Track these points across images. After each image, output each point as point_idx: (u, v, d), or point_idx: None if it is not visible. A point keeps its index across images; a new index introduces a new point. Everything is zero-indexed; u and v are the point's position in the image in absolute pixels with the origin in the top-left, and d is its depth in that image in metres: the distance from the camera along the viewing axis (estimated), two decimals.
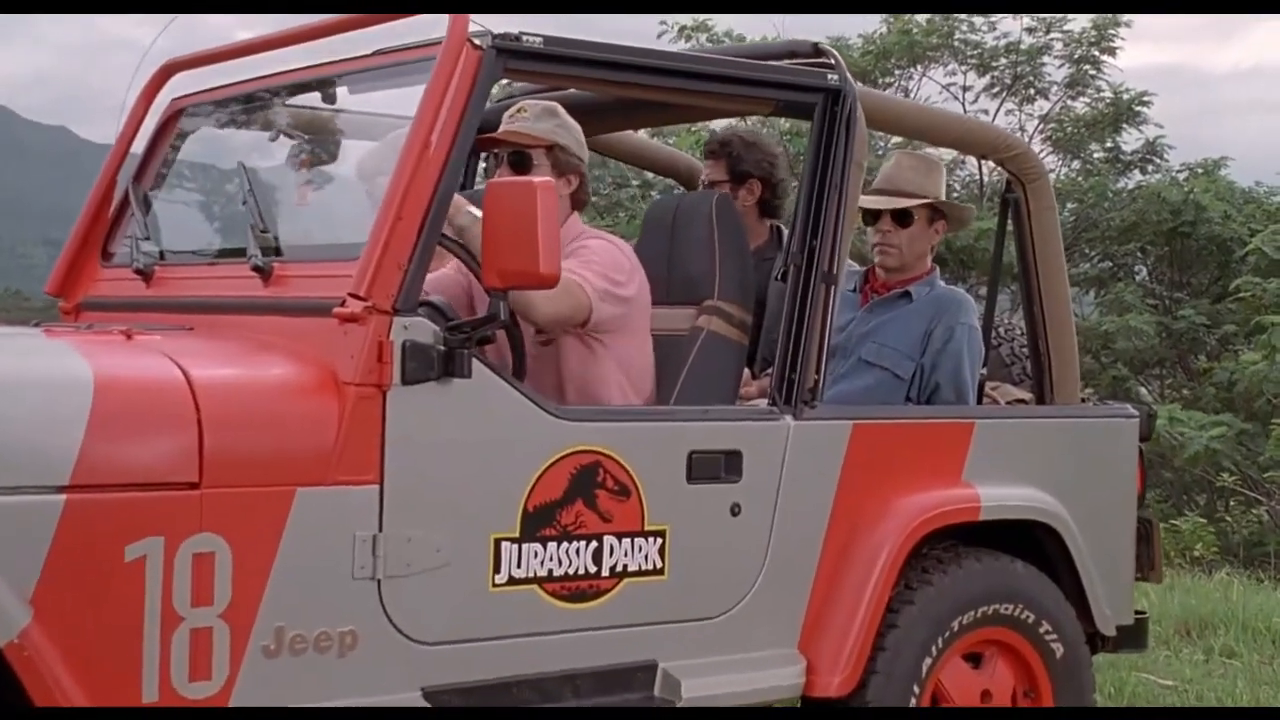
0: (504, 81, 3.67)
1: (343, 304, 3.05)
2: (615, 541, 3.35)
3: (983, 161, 14.71)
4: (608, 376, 3.59)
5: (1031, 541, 3.97)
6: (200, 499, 2.82)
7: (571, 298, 3.42)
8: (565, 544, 3.28)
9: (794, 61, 3.73)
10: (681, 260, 3.84)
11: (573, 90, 4.03)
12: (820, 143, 3.66)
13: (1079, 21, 14.45)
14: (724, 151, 4.49)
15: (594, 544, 3.32)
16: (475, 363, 3.14)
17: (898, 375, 4.10)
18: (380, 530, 3.03)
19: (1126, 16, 14.21)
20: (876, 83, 14.07)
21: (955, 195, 14.71)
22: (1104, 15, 14.24)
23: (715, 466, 3.47)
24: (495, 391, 3.20)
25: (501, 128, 3.62)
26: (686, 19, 14.12)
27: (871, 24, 14.78)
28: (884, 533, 3.67)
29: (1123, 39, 14.28)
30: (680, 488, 3.42)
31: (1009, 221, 4.23)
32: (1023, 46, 14.47)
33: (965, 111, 14.86)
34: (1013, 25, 14.42)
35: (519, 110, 3.62)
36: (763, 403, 3.65)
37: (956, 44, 14.40)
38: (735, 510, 3.50)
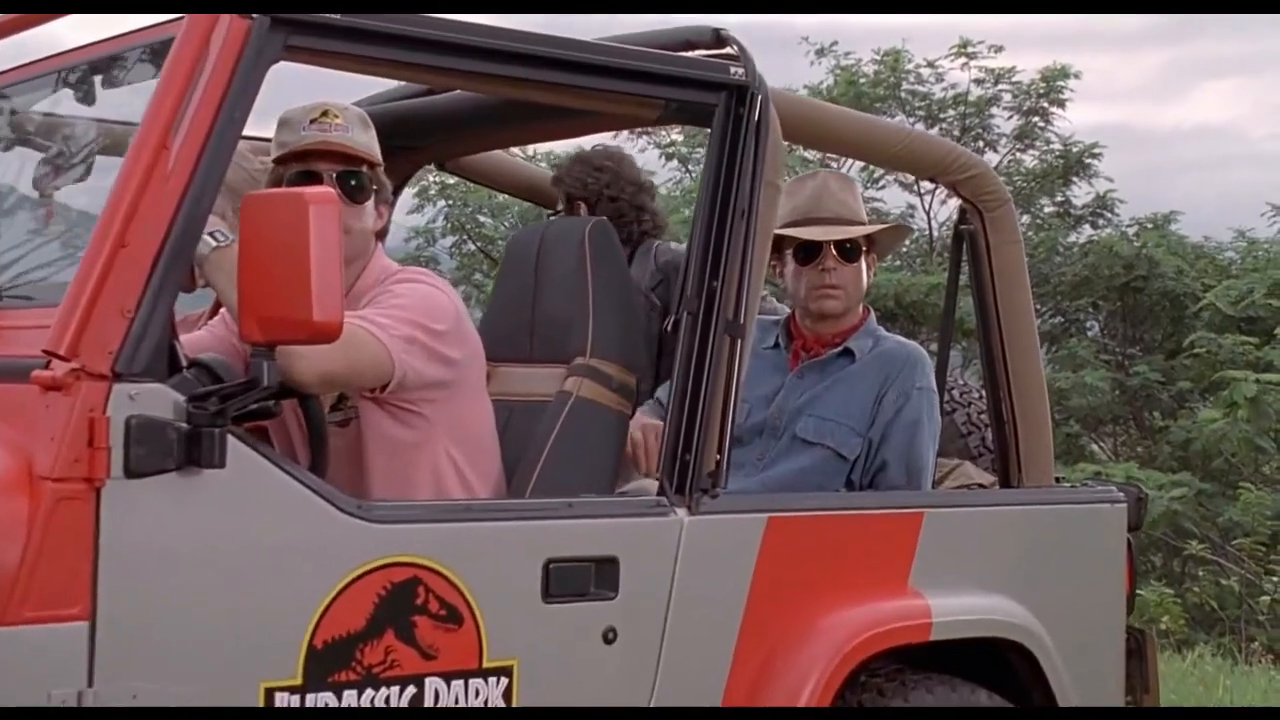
0: None
1: (47, 365, 2.10)
2: (442, 685, 2.38)
3: (930, 204, 13.98)
4: (431, 460, 2.62)
5: (997, 662, 3.01)
6: None
7: (356, 351, 2.44)
8: (370, 692, 2.31)
9: (692, 54, 2.81)
10: (546, 306, 2.89)
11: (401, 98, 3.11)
12: (722, 156, 2.72)
13: (1027, 73, 13.72)
14: (555, 178, 3.68)
15: (411, 690, 2.35)
16: (237, 446, 2.18)
17: (841, 455, 3.15)
18: (90, 685, 2.07)
19: (1075, 67, 13.49)
20: None
21: (903, 250, 13.90)
22: (1052, 66, 13.50)
23: (582, 580, 2.51)
24: (265, 485, 2.23)
25: (305, 137, 2.65)
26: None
27: (818, 75, 13.97)
28: (809, 659, 2.70)
29: (1071, 90, 13.55)
30: (534, 609, 2.46)
31: (963, 260, 3.30)
32: (971, 98, 13.68)
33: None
34: (960, 76, 13.65)
35: (325, 114, 2.65)
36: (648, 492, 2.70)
37: (904, 95, 13.62)
38: (609, 636, 2.53)
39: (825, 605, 2.75)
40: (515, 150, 3.68)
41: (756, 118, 2.73)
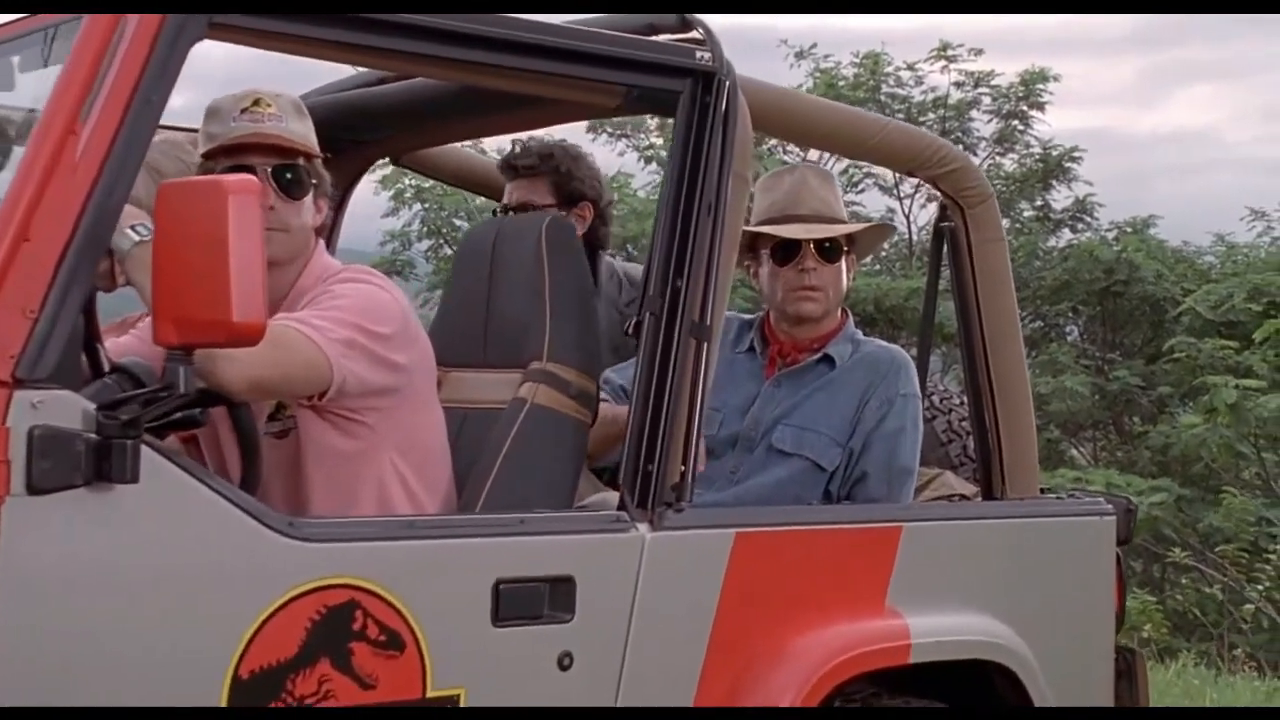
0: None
1: None
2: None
3: (910, 207, 13.82)
4: (376, 473, 2.42)
5: (980, 684, 2.82)
6: None
7: (289, 355, 2.23)
8: None
9: (656, 39, 2.61)
10: (501, 308, 2.69)
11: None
12: (687, 147, 2.53)
13: (1006, 76, 13.56)
14: (548, 166, 3.30)
15: None
16: (153, 459, 1.98)
17: (820, 466, 2.95)
18: None
19: (1055, 70, 13.34)
20: None
21: (882, 254, 13.74)
22: (1031, 69, 13.36)
23: (535, 601, 2.31)
24: (184, 501, 2.03)
25: (235, 129, 2.43)
26: None
27: (798, 78, 13.79)
28: (780, 685, 2.50)
29: (1051, 93, 13.40)
30: (482, 634, 2.26)
31: (943, 260, 3.11)
32: (950, 101, 13.51)
33: (893, 171, 13.95)
34: (940, 79, 13.49)
35: (256, 103, 2.44)
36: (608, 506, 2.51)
37: (883, 98, 13.44)
38: (565, 662, 2.33)
39: (797, 626, 2.56)
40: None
41: (724, 106, 2.54)
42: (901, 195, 13.60)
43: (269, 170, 2.41)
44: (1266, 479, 11.05)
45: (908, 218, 13.79)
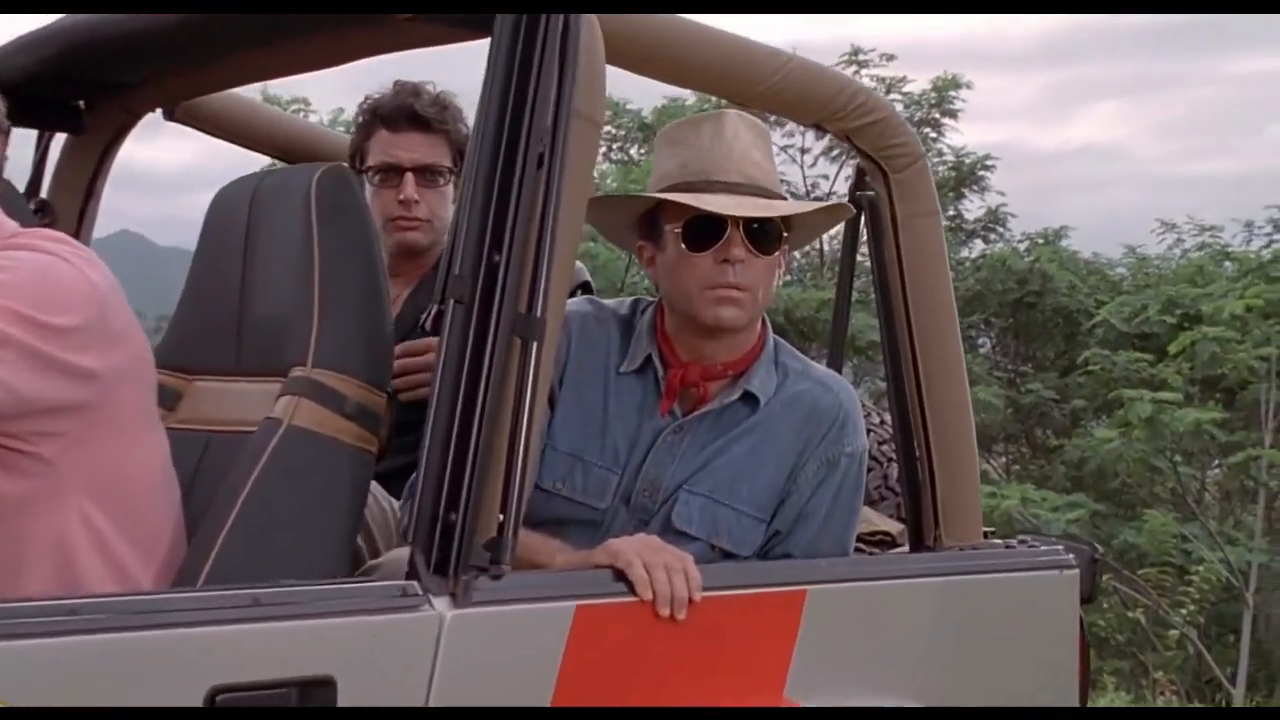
0: None
1: None
2: None
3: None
4: (54, 527, 1.63)
5: None
6: None
7: None
8: None
9: None
10: (259, 294, 1.91)
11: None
12: (510, 76, 1.77)
13: (919, 83, 12.97)
14: (449, 118, 2.49)
15: None
16: None
17: (732, 553, 2.15)
18: None
19: (966, 77, 12.77)
20: None
21: (794, 263, 13.14)
22: (943, 76, 12.78)
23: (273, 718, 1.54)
24: None
25: None
26: None
27: None
28: None
29: (963, 100, 12.83)
30: None
31: (861, 240, 2.38)
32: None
33: (804, 177, 13.32)
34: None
35: None
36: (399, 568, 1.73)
37: None
38: None
39: None
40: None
41: (562, 23, 1.78)
42: (814, 195, 12.91)
43: None
44: (1182, 494, 10.62)
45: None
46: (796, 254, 13.59)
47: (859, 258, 2.67)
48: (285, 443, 1.74)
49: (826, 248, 13.14)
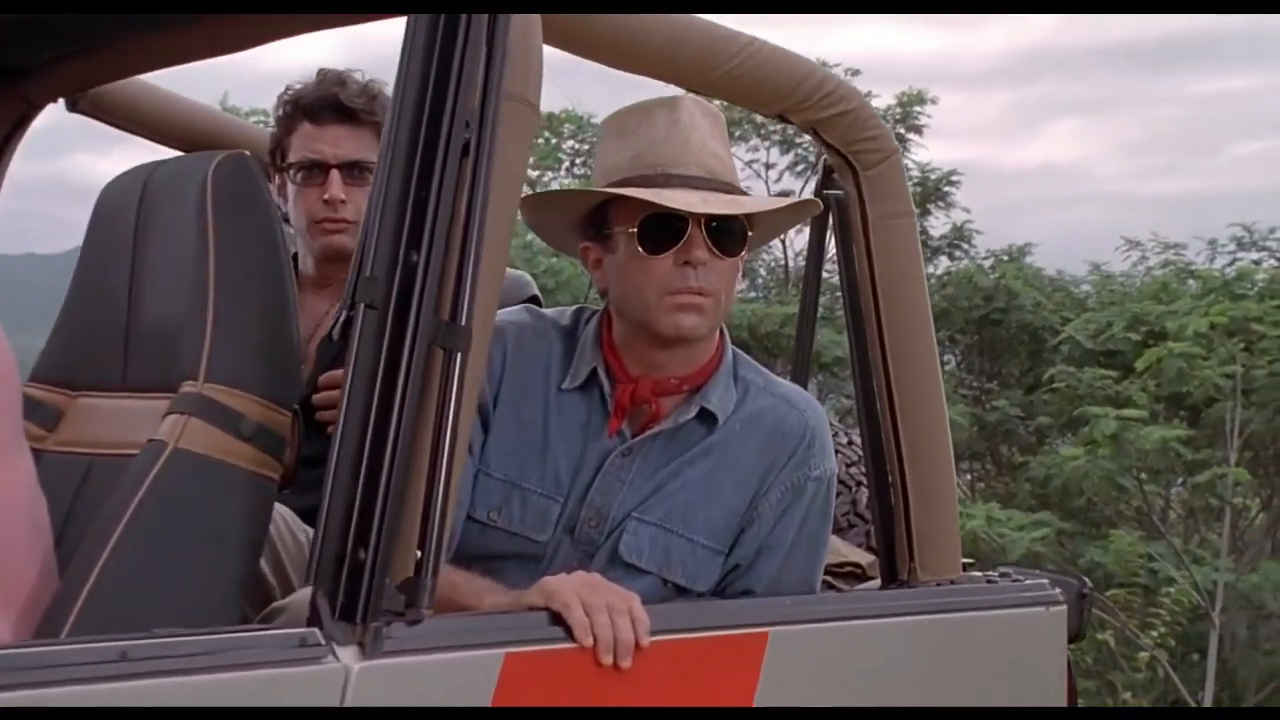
0: None
1: None
2: None
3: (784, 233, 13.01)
4: None
5: None
6: None
7: None
8: None
9: None
10: (148, 299, 1.67)
11: None
12: (430, 53, 1.55)
13: (884, 98, 12.82)
14: (373, 110, 2.26)
15: None
16: None
17: (686, 589, 1.94)
18: None
19: (931, 92, 12.64)
20: None
21: (758, 279, 12.96)
22: (909, 91, 12.64)
23: None
24: None
25: None
26: None
27: None
28: None
29: (929, 116, 12.69)
30: None
31: (826, 245, 2.16)
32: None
33: (769, 193, 13.15)
34: None
35: None
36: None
37: (759, 119, 12.61)
38: None
39: None
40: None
41: None
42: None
43: None
44: (1148, 512, 10.51)
45: (783, 241, 12.97)
46: (761, 269, 13.41)
47: (825, 272, 2.47)
48: (169, 468, 1.50)
49: (791, 263, 12.98)
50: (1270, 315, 10.44)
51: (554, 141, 12.42)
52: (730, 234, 1.89)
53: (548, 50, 1.66)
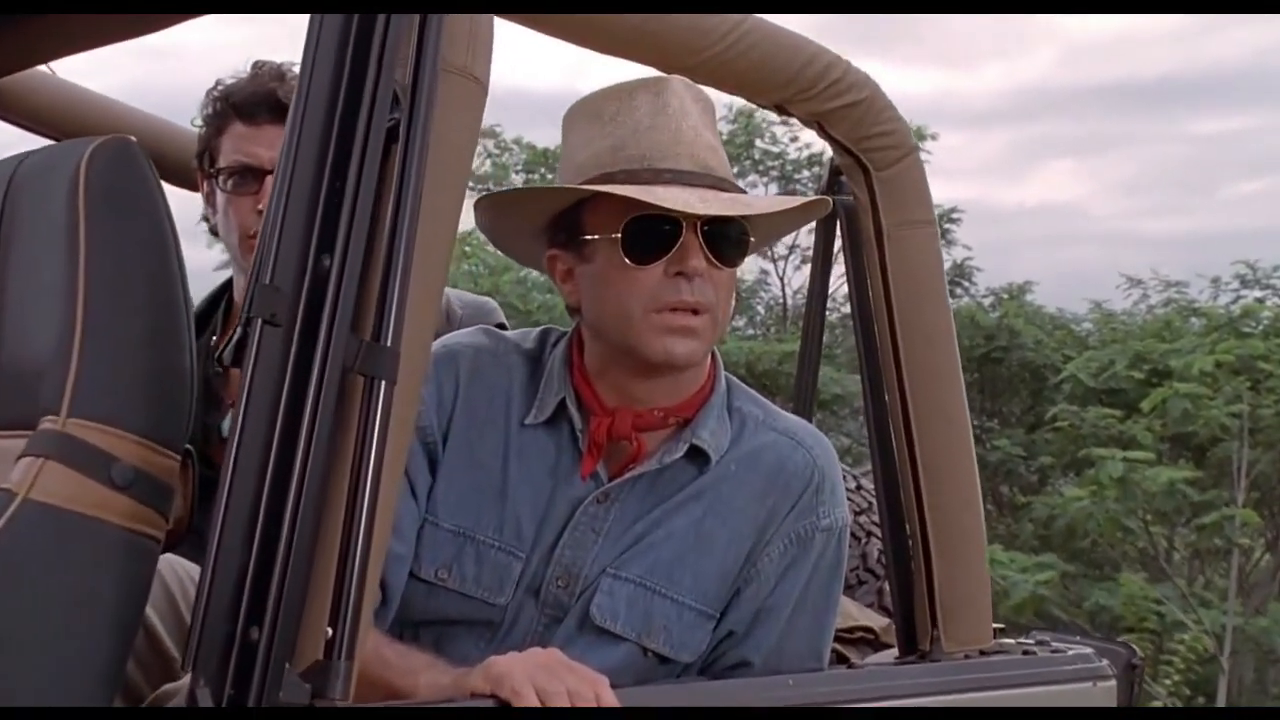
0: None
1: None
2: None
3: (784, 269, 12.81)
4: None
5: None
6: None
7: None
8: None
9: None
10: (7, 315, 1.36)
11: None
12: (348, 23, 1.26)
13: None
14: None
15: None
16: None
17: (670, 659, 1.62)
18: None
19: (931, 129, 12.43)
20: None
21: (757, 317, 12.72)
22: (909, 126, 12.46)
23: None
24: None
25: None
26: None
27: None
28: None
29: (930, 152, 12.48)
30: None
31: (831, 258, 1.85)
32: (825, 158, 12.49)
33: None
34: (815, 137, 12.49)
35: None
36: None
37: (757, 155, 12.40)
38: None
39: None
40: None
41: None
42: (775, 256, 12.52)
43: None
44: (1153, 554, 10.24)
45: (782, 279, 12.75)
46: (759, 306, 13.14)
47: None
48: (17, 524, 1.18)
49: (790, 300, 12.73)
50: (1276, 353, 10.20)
51: (549, 178, 12.22)
52: (729, 239, 1.58)
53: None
